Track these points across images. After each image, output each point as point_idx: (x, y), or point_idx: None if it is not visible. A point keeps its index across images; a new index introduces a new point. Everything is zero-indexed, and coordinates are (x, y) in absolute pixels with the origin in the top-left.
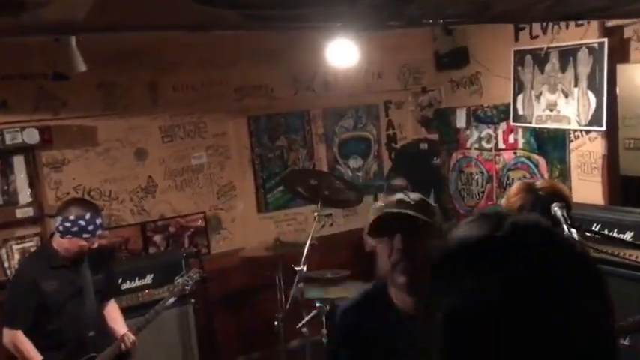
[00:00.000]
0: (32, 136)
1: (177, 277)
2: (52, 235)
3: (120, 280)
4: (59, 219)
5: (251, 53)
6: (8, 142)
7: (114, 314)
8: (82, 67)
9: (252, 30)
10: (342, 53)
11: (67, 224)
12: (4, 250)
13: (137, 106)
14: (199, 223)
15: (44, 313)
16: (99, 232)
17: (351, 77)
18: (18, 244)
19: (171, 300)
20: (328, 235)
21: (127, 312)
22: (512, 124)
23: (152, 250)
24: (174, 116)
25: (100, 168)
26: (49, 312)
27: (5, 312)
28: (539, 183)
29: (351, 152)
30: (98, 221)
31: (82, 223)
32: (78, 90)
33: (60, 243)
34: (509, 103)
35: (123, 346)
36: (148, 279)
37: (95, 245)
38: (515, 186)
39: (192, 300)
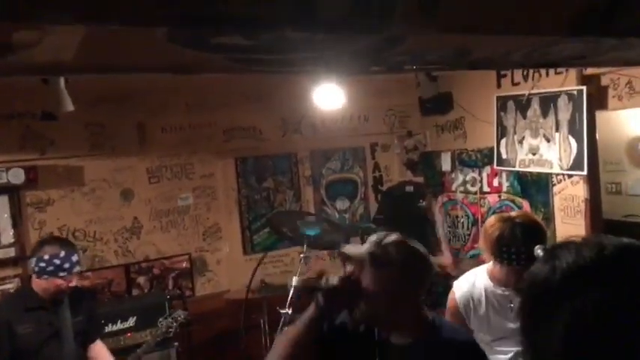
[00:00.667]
0: (18, 176)
1: (160, 319)
2: (31, 276)
3: (102, 323)
4: (34, 260)
5: (240, 96)
6: None
7: (102, 355)
8: (70, 107)
9: (236, 73)
10: (329, 97)
11: (42, 264)
12: None
13: (125, 147)
14: (184, 264)
15: (19, 358)
16: (76, 269)
17: (338, 120)
18: None
19: (153, 343)
20: (315, 277)
21: (115, 354)
22: (496, 167)
23: (135, 292)
24: (162, 157)
25: (86, 208)
26: (24, 356)
27: None
28: (514, 213)
29: (337, 194)
30: (74, 258)
31: (57, 261)
32: (65, 130)
33: (37, 284)
34: (492, 147)
35: None
36: (131, 322)
37: (73, 284)
38: (491, 218)
39: (176, 343)
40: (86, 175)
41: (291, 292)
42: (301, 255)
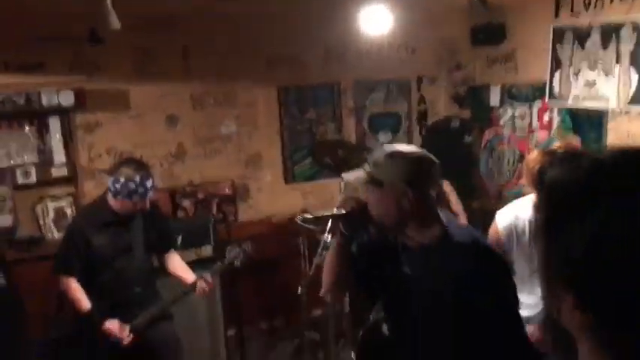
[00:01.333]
0: (67, 98)
1: (229, 247)
2: (105, 193)
3: (174, 236)
4: (111, 179)
5: (283, 24)
6: (44, 103)
7: (178, 265)
8: (117, 24)
9: None
10: (375, 20)
11: (117, 186)
12: (39, 208)
13: (169, 73)
14: (227, 190)
15: (93, 266)
16: (149, 194)
17: (384, 51)
18: (52, 202)
19: (220, 270)
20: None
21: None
22: (547, 102)
23: (180, 214)
24: (206, 84)
25: (132, 131)
26: (97, 265)
27: (58, 260)
28: (555, 145)
29: (380, 126)
30: (148, 184)
31: (132, 185)
32: (112, 54)
33: (113, 202)
34: (545, 81)
35: (198, 290)
36: (177, 241)
37: (146, 207)
38: (534, 152)
39: (219, 262)
40: (132, 99)
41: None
42: (341, 182)
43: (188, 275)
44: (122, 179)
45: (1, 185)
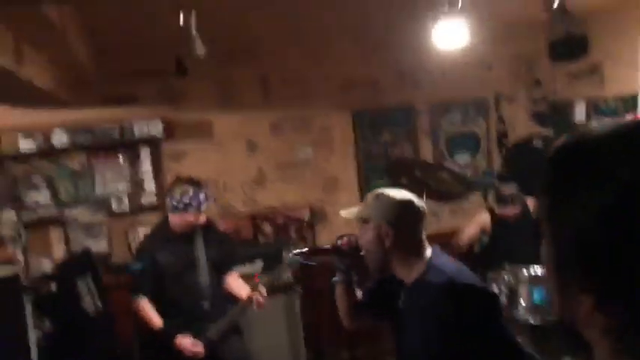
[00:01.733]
0: (157, 129)
1: (285, 252)
2: (167, 215)
3: (235, 256)
4: (168, 198)
5: (356, 47)
6: (136, 133)
7: (236, 284)
8: (202, 50)
9: None
10: (450, 38)
11: (174, 202)
12: (131, 235)
13: (249, 101)
14: (305, 214)
15: (161, 283)
16: (203, 206)
17: (459, 70)
18: (143, 228)
19: (285, 273)
20: (432, 232)
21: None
22: None
23: (261, 238)
24: (283, 110)
25: (215, 159)
26: (165, 282)
27: (132, 281)
28: None
29: (458, 148)
30: (202, 196)
31: (186, 199)
32: (197, 85)
33: (172, 219)
34: (636, 94)
35: (257, 300)
36: (257, 267)
37: (202, 219)
38: None
39: (298, 288)
40: (215, 128)
41: None
42: None
43: (243, 291)
44: (177, 195)
45: (98, 213)
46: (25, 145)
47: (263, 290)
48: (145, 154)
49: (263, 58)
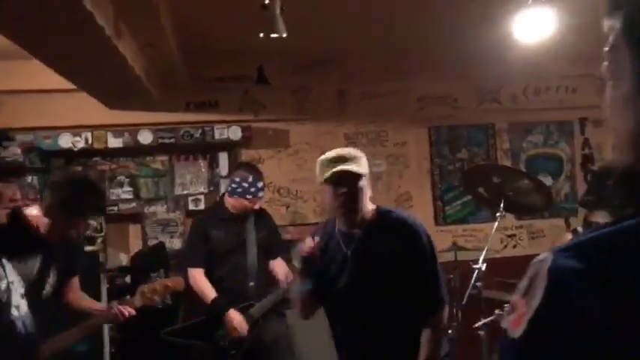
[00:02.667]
0: (236, 134)
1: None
2: (224, 194)
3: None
4: (228, 180)
5: (435, 62)
6: (217, 137)
7: (281, 269)
8: (283, 32)
9: None
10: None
11: (234, 185)
12: None
13: (325, 113)
14: None
15: (212, 259)
16: (260, 194)
17: (541, 91)
18: None
19: None
20: (510, 256)
21: None
22: None
23: None
24: (359, 124)
25: (290, 168)
26: (215, 259)
27: (186, 254)
28: None
29: (539, 169)
30: (259, 185)
31: (245, 185)
32: (275, 95)
33: (229, 201)
34: None
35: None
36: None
37: (257, 206)
38: None
39: None
40: (291, 137)
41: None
42: (497, 214)
43: (287, 277)
44: (237, 179)
45: (176, 211)
46: (114, 142)
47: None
48: (224, 159)
49: (341, 70)
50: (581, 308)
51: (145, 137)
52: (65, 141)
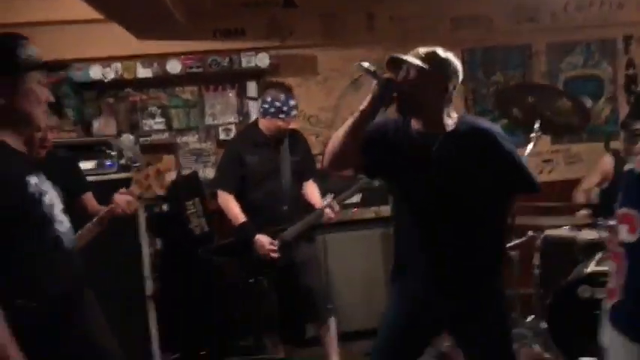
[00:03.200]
0: (263, 61)
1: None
2: (257, 118)
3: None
4: (260, 101)
5: None
6: (244, 64)
7: (312, 192)
8: None
9: None
10: None
11: (265, 105)
12: None
13: (354, 37)
14: None
15: (246, 183)
16: (293, 112)
17: (583, 7)
18: None
19: (356, 191)
20: (546, 181)
21: (336, 226)
22: None
23: (361, 176)
24: (389, 49)
25: (319, 96)
26: (249, 182)
27: (218, 177)
28: None
29: (578, 92)
30: (292, 102)
31: (278, 104)
32: (303, 19)
33: (262, 123)
34: None
35: (327, 212)
36: (357, 199)
37: (291, 126)
38: None
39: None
40: (319, 64)
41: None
42: (532, 134)
43: (317, 200)
44: (269, 99)
45: (207, 141)
46: (143, 73)
47: (336, 206)
48: (252, 87)
49: None
50: None
51: (173, 66)
52: (95, 72)
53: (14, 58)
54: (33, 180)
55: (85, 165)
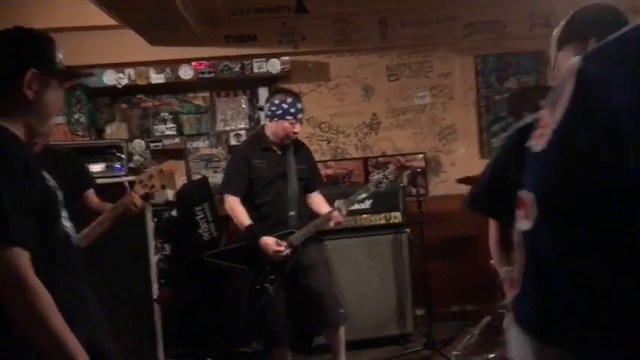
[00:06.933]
0: (275, 67)
1: (372, 174)
2: (264, 125)
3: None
4: (267, 105)
5: None
6: (256, 70)
7: (319, 202)
8: None
9: None
10: None
11: (273, 108)
12: None
13: (367, 43)
14: (419, 163)
15: (253, 187)
16: (299, 115)
17: None
18: None
19: (364, 194)
20: None
21: (345, 232)
22: None
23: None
24: (402, 54)
25: (330, 102)
26: (256, 186)
27: (224, 182)
28: None
29: None
30: (299, 106)
31: (285, 106)
32: (314, 25)
33: (269, 127)
34: None
35: (335, 216)
36: (367, 205)
37: (297, 129)
38: None
39: (407, 230)
40: (331, 70)
41: None
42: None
43: (325, 208)
44: (276, 101)
45: (218, 146)
46: (156, 78)
47: (343, 209)
48: (263, 94)
49: None
50: (605, 99)
51: (186, 72)
52: (109, 78)
53: (54, 59)
54: (45, 174)
55: (95, 167)
